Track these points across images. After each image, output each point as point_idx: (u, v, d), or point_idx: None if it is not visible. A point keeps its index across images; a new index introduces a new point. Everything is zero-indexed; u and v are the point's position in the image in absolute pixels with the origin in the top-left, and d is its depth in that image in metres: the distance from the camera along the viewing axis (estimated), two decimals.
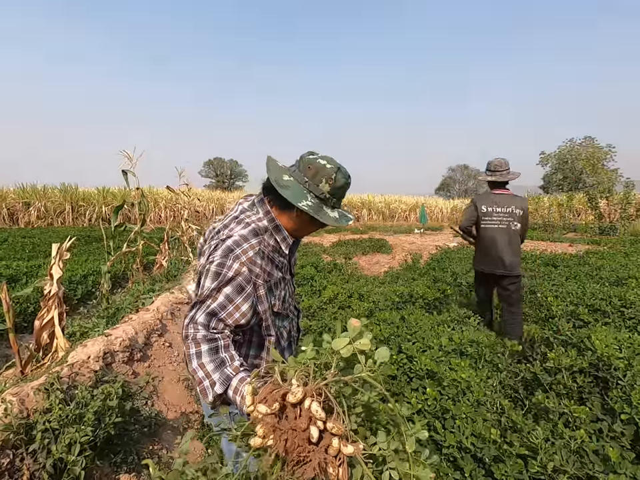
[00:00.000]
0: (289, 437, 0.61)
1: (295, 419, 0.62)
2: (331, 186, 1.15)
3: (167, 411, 2.36)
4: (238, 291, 1.06)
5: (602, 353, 2.24)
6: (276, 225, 1.20)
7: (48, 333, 2.61)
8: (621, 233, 12.99)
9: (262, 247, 1.14)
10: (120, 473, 1.70)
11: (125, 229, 5.06)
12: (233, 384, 0.95)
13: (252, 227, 1.16)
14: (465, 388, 2.07)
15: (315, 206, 1.14)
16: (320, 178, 1.15)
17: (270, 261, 1.18)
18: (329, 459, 0.59)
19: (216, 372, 0.97)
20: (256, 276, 1.11)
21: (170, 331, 3.26)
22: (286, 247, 1.22)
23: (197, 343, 1.00)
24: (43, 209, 19.41)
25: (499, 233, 3.25)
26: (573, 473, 1.54)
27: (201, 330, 1.01)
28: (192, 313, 1.05)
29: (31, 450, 1.41)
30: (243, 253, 1.09)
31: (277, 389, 0.65)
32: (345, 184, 1.19)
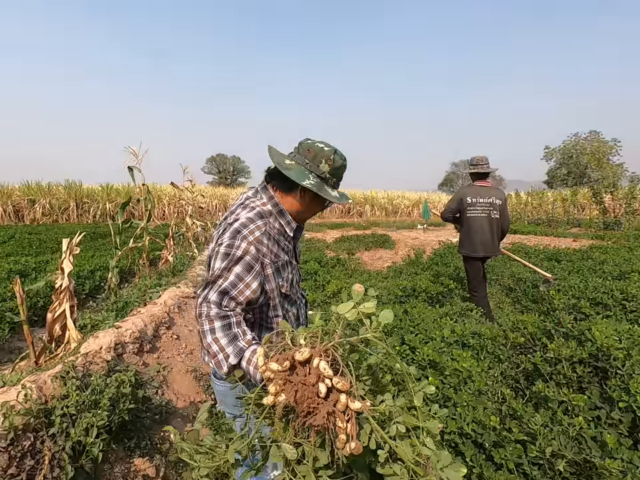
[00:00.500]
0: (299, 389, 0.65)
1: (305, 376, 0.67)
2: (330, 166, 1.25)
3: (176, 400, 2.43)
4: (247, 270, 1.13)
5: (601, 344, 2.28)
6: (280, 210, 1.28)
7: (60, 325, 2.69)
8: (626, 227, 12.93)
9: (267, 228, 1.21)
10: (134, 457, 1.77)
11: (131, 224, 5.13)
12: (246, 355, 1.02)
13: (257, 210, 1.23)
14: (467, 377, 2.13)
15: (317, 184, 1.22)
16: (319, 159, 1.24)
17: (276, 242, 1.25)
18: (338, 413, 0.64)
19: (229, 345, 1.04)
20: (263, 255, 1.17)
21: (177, 324, 3.33)
22: (290, 231, 1.30)
23: (210, 320, 1.07)
24: (47, 205, 19.58)
25: (485, 220, 3.70)
26: (570, 458, 1.60)
27: (214, 308, 1.08)
28: (205, 292, 1.11)
29: (51, 433, 1.48)
30: (250, 233, 1.16)
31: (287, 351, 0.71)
32: (342, 165, 1.28)
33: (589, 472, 1.61)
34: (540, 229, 13.57)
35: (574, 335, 2.68)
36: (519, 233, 13.18)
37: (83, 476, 1.48)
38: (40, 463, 1.38)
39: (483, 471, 1.57)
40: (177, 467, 1.90)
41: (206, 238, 9.06)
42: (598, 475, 1.54)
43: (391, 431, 0.67)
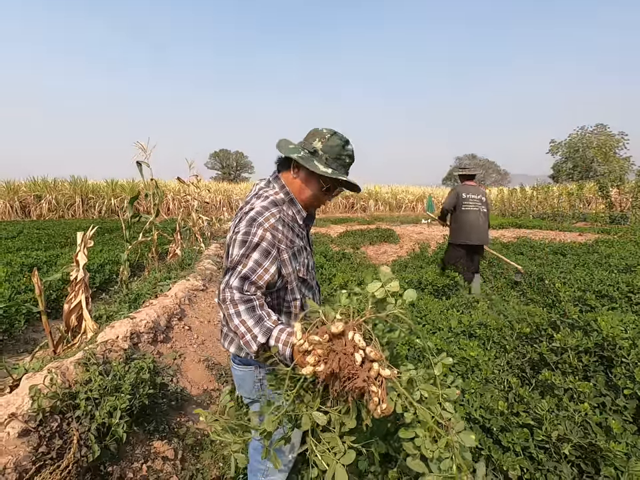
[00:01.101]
0: (340, 357, 0.73)
1: (343, 347, 0.75)
2: (323, 143, 1.28)
3: (190, 388, 2.50)
4: (265, 255, 1.19)
5: (607, 334, 2.32)
6: (291, 198, 1.34)
7: (76, 315, 2.76)
8: (632, 221, 12.85)
9: (282, 215, 1.28)
10: (153, 440, 1.85)
11: (140, 219, 5.20)
12: (274, 334, 1.08)
13: (271, 199, 1.30)
14: (474, 366, 2.18)
15: (304, 157, 1.28)
16: (314, 137, 1.31)
17: (291, 229, 1.31)
18: (371, 379, 0.72)
19: (256, 326, 1.10)
20: (279, 241, 1.23)
21: (189, 315, 3.40)
22: (301, 219, 1.36)
23: (234, 304, 1.13)
24: (54, 201, 19.75)
25: (477, 214, 4.31)
26: (576, 442, 1.65)
27: (236, 293, 1.14)
28: (226, 279, 1.17)
29: (77, 415, 1.55)
30: (265, 221, 1.22)
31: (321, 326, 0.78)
32: (338, 144, 1.29)
33: (593, 455, 1.66)
34: (545, 224, 13.52)
35: (579, 326, 2.72)
36: (523, 227, 13.14)
37: (108, 455, 1.55)
38: (67, 443, 1.45)
39: (491, 453, 1.62)
40: (193, 450, 1.98)
41: (211, 233, 9.14)
42: (602, 458, 1.60)
43: (415, 396, 0.75)
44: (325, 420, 0.77)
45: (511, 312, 3.43)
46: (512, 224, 13.86)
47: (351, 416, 0.77)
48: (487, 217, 4.39)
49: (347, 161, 1.34)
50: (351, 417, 0.77)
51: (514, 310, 3.41)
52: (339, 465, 0.78)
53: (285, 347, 1.04)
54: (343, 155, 1.31)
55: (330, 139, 1.29)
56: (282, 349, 1.05)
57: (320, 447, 0.82)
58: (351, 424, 0.77)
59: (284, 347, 1.04)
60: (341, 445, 0.80)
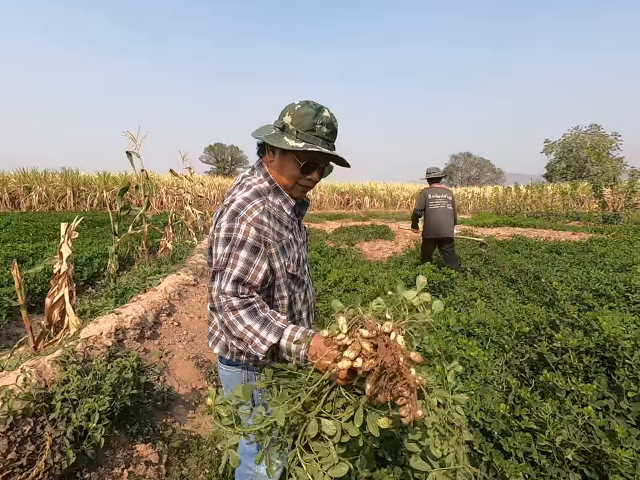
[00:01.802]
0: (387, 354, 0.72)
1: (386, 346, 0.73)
2: (292, 116, 1.14)
3: (178, 386, 2.40)
4: (254, 252, 1.08)
5: (609, 334, 2.26)
6: (276, 187, 1.21)
7: (59, 310, 2.64)
8: (625, 221, 12.93)
9: (267, 206, 1.15)
10: (136, 443, 1.74)
11: (130, 211, 5.05)
12: (286, 333, 1.00)
13: (254, 188, 1.17)
14: (474, 366, 2.10)
15: (273, 135, 1.15)
16: (285, 112, 1.17)
17: (278, 221, 1.18)
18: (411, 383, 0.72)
19: (263, 329, 1.01)
20: (265, 234, 1.11)
21: (178, 310, 3.29)
22: (288, 209, 1.23)
23: (233, 310, 1.03)
24: (44, 193, 19.37)
25: (443, 212, 4.94)
26: (580, 447, 1.58)
27: (232, 298, 1.04)
28: (217, 284, 1.07)
29: (51, 418, 1.44)
30: (248, 214, 1.10)
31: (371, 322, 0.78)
32: (309, 113, 1.13)
33: (597, 461, 1.59)
34: (539, 222, 13.55)
35: (580, 325, 2.66)
36: (518, 225, 13.16)
37: (85, 461, 1.45)
38: (40, 449, 1.35)
39: (493, 459, 1.55)
40: (179, 453, 1.88)
41: (205, 227, 8.99)
42: (608, 465, 1.53)
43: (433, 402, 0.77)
44: (333, 429, 0.73)
45: (507, 310, 3.38)
46: (506, 222, 13.88)
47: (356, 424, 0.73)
48: (452, 213, 5.06)
49: (325, 131, 1.14)
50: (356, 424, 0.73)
51: (511, 308, 3.36)
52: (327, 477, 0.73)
53: (299, 346, 0.96)
54: (317, 124, 1.13)
55: (300, 109, 1.14)
56: (295, 349, 0.97)
57: (306, 456, 0.77)
58: (354, 432, 0.74)
59: (298, 346, 0.97)
60: (334, 456, 0.74)
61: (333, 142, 1.19)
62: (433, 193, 5.01)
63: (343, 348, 0.77)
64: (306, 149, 1.11)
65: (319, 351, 0.88)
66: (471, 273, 4.94)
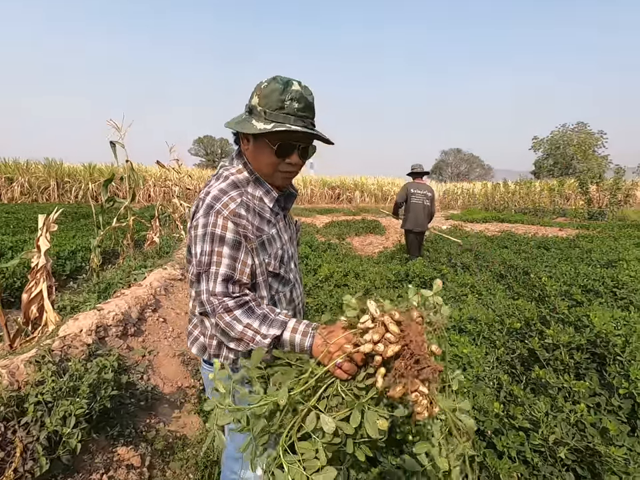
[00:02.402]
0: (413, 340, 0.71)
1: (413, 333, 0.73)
2: (259, 96, 1.03)
3: (162, 385, 2.32)
4: (236, 248, 1.00)
5: (600, 330, 2.26)
6: (257, 177, 1.11)
7: (37, 306, 2.52)
8: (609, 218, 13.19)
9: (244, 198, 1.06)
10: (117, 446, 1.66)
11: (114, 203, 4.89)
12: (290, 325, 0.96)
13: (231, 179, 1.08)
14: (466, 363, 2.07)
15: (241, 121, 1.06)
16: (252, 94, 1.06)
17: (258, 214, 1.08)
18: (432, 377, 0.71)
19: (263, 325, 0.97)
20: (244, 228, 1.02)
21: (164, 306, 3.19)
22: (270, 201, 1.12)
23: (228, 311, 0.97)
24: (26, 184, 18.80)
25: (421, 207, 5.36)
26: (573, 445, 1.56)
27: (225, 299, 0.98)
28: (204, 286, 1.00)
29: (24, 422, 1.35)
30: (224, 207, 1.01)
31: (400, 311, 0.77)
32: (276, 89, 1.00)
33: (590, 459, 1.58)
34: (527, 218, 13.73)
35: (570, 321, 2.66)
36: (506, 221, 13.30)
37: (60, 468, 1.37)
38: (11, 456, 1.26)
39: (486, 459, 1.52)
40: (163, 455, 1.80)
41: None
42: (600, 463, 1.51)
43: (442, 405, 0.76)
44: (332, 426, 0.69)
45: (498, 306, 3.37)
46: (495, 218, 14.02)
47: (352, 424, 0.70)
48: (430, 208, 5.43)
49: (296, 106, 1.00)
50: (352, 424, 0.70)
51: (501, 304, 3.36)
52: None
53: (305, 338, 0.93)
54: (286, 100, 1.00)
55: (266, 87, 1.02)
56: (300, 340, 0.94)
57: (289, 457, 0.71)
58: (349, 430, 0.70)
59: (303, 337, 0.93)
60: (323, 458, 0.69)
61: (310, 118, 1.05)
62: (414, 188, 5.41)
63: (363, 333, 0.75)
64: (275, 130, 0.98)
65: (325, 341, 0.86)
66: (461, 269, 4.94)
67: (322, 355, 0.82)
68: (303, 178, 26.30)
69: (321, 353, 0.83)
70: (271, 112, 1.00)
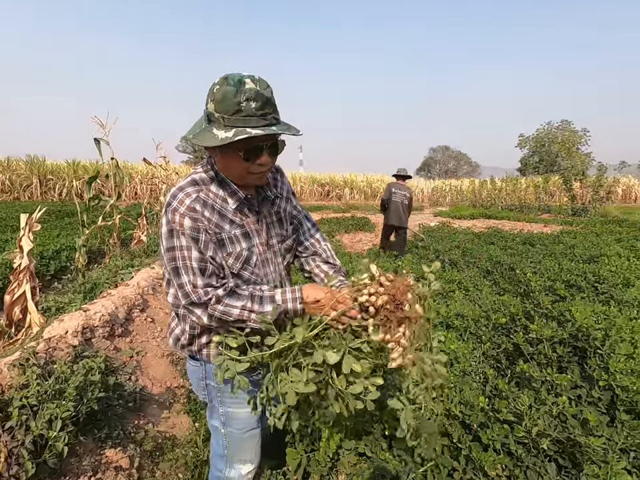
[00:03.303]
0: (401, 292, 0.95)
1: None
2: (214, 101, 0.97)
3: (151, 385, 2.30)
4: (195, 241, 1.02)
5: (581, 324, 2.32)
6: (222, 178, 1.10)
7: (20, 308, 2.47)
8: (592, 214, 13.52)
9: (202, 195, 1.06)
10: (105, 448, 1.65)
11: (100, 201, 4.81)
12: (277, 298, 1.06)
13: (192, 177, 1.10)
14: (453, 359, 2.11)
15: (200, 133, 1.00)
16: (207, 99, 1.00)
17: (217, 212, 1.07)
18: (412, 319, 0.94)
19: (254, 304, 1.04)
20: (201, 222, 1.03)
21: (152, 306, 3.16)
22: (236, 201, 1.10)
23: (218, 300, 1.02)
24: (7, 182, 18.28)
25: (400, 206, 6.15)
26: (555, 437, 1.61)
27: (209, 289, 1.02)
28: (185, 279, 1.01)
29: (8, 427, 1.33)
30: (180, 204, 1.02)
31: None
32: (229, 91, 0.93)
33: (571, 450, 1.63)
34: (513, 215, 13.96)
35: (553, 316, 2.73)
36: (493, 218, 13.52)
37: (47, 472, 1.35)
38: None
39: (472, 452, 1.56)
40: (152, 456, 1.80)
41: None
42: (581, 453, 1.57)
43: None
44: (337, 358, 0.91)
45: (485, 302, 3.44)
46: (482, 214, 14.23)
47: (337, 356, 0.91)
48: (408, 207, 6.24)
49: (254, 106, 0.95)
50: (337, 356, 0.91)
51: (488, 300, 3.42)
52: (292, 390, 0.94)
53: (295, 303, 1.05)
54: (242, 102, 0.94)
55: (218, 91, 0.95)
56: (292, 306, 1.06)
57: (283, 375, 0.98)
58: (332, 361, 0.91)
59: (294, 303, 1.05)
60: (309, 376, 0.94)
61: (272, 113, 0.99)
62: (396, 188, 6.26)
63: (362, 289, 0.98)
64: (237, 137, 0.94)
65: (315, 296, 1.04)
66: (449, 265, 5.01)
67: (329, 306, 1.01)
68: (292, 175, 26.23)
69: (314, 310, 1.03)
70: (229, 117, 0.95)
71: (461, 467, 1.57)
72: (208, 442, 1.81)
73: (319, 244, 1.34)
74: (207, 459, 1.77)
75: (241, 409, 1.22)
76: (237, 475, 1.30)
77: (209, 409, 1.32)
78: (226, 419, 1.26)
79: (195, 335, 1.18)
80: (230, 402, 1.23)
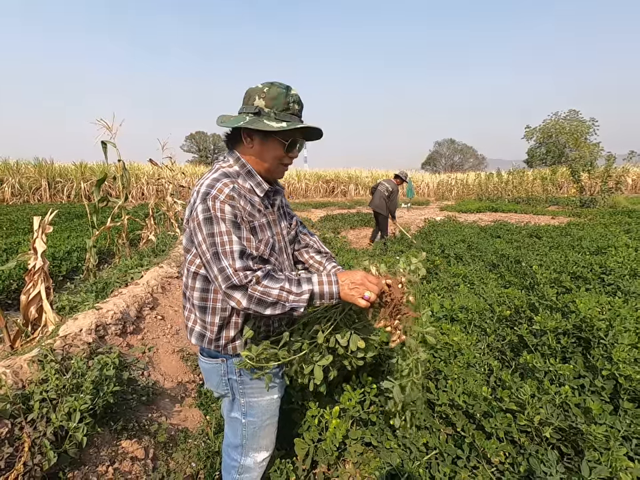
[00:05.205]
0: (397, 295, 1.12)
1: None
2: (264, 99, 1.15)
3: (163, 380, 2.37)
4: (237, 227, 1.08)
5: (585, 315, 2.34)
6: (248, 170, 1.21)
7: (36, 307, 2.55)
8: (601, 205, 13.34)
9: (236, 186, 1.15)
10: (121, 439, 1.72)
11: (108, 203, 4.90)
12: (314, 280, 1.10)
13: (221, 170, 1.18)
14: (457, 351, 2.15)
15: (251, 121, 1.14)
16: (253, 97, 1.16)
17: (249, 202, 1.18)
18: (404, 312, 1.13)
19: (292, 285, 1.08)
20: (239, 210, 1.11)
21: (162, 304, 3.24)
22: (261, 192, 1.22)
23: (258, 282, 1.05)
24: (17, 185, 18.58)
25: (378, 195, 7.24)
26: (557, 425, 1.64)
27: (248, 272, 1.05)
28: (225, 263, 1.05)
29: (30, 419, 1.40)
30: (219, 192, 1.09)
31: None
32: (280, 93, 1.15)
33: (573, 437, 1.66)
34: (520, 207, 13.84)
35: (558, 308, 2.74)
36: (499, 211, 13.42)
37: (68, 461, 1.42)
38: (19, 450, 1.31)
39: (475, 440, 1.60)
40: (166, 447, 1.87)
41: None
42: (583, 440, 1.60)
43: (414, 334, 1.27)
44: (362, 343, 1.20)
45: (489, 295, 3.45)
46: (489, 208, 14.13)
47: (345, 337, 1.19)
48: (387, 197, 7.20)
49: (297, 108, 1.18)
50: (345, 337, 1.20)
51: (492, 293, 3.44)
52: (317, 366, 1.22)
53: (331, 286, 1.09)
54: (290, 102, 1.16)
55: (269, 91, 1.15)
56: (328, 289, 1.09)
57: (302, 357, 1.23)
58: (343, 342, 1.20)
59: (329, 286, 1.09)
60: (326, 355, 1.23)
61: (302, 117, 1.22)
62: (384, 181, 7.45)
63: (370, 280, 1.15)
64: (292, 127, 1.12)
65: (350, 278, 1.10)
66: (454, 259, 5.02)
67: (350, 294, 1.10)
68: (297, 172, 26.24)
69: (349, 291, 1.09)
70: (279, 112, 1.14)
71: (465, 455, 1.61)
72: (219, 434, 1.88)
73: (309, 237, 1.48)
74: (219, 449, 1.83)
75: (263, 397, 1.30)
76: (252, 463, 1.36)
77: (229, 402, 1.34)
78: (247, 409, 1.31)
79: (223, 326, 1.21)
80: (251, 392, 1.29)
